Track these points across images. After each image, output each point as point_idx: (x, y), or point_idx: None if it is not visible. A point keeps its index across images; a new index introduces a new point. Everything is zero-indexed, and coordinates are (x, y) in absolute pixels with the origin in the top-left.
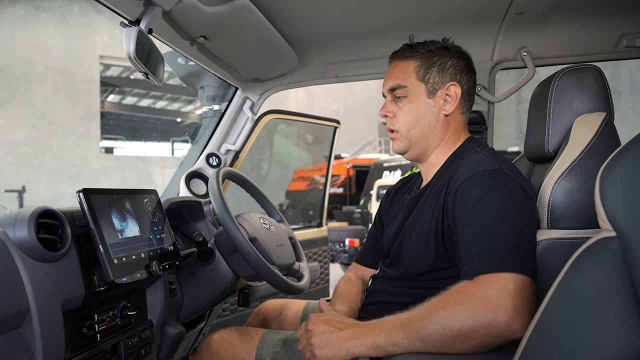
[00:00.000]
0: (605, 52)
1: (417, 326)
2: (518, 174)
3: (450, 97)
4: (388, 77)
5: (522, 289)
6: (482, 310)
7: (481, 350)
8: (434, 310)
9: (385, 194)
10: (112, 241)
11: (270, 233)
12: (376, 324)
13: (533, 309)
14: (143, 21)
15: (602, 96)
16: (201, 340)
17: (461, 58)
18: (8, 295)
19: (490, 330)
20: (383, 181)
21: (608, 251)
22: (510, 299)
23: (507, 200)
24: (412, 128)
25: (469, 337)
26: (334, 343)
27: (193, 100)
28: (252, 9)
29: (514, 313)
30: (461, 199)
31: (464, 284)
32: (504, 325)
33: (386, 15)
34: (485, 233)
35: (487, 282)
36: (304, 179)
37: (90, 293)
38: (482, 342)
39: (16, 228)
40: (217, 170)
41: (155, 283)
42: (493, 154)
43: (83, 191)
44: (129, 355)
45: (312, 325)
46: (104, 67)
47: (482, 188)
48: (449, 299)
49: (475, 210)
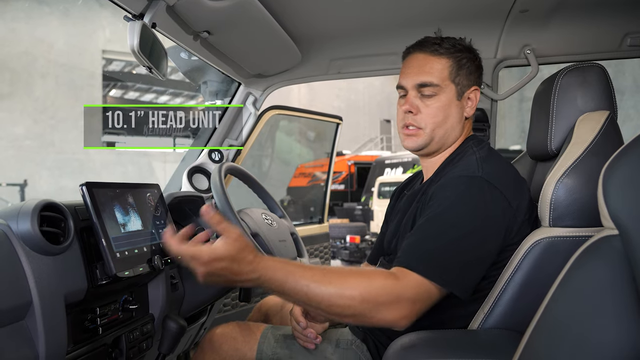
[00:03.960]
0: (609, 51)
1: (330, 280)
2: (504, 180)
3: (471, 101)
4: (418, 71)
5: (419, 294)
6: (389, 289)
7: (371, 321)
8: (349, 275)
9: (392, 194)
10: (115, 235)
11: (272, 229)
12: (289, 265)
13: (421, 313)
14: (147, 15)
15: (606, 95)
16: (202, 334)
17: (479, 61)
18: (11, 288)
19: (387, 307)
20: (384, 178)
21: (610, 249)
22: (408, 300)
23: (471, 209)
24: (438, 127)
25: (373, 307)
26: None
27: (195, 96)
28: (256, 4)
29: (405, 306)
30: (435, 197)
31: (380, 270)
32: (387, 316)
33: (390, 12)
34: (431, 233)
35: (402, 274)
36: (305, 175)
37: (92, 286)
38: (360, 315)
39: (19, 221)
40: (220, 166)
41: (157, 277)
42: (486, 157)
43: (86, 185)
44: (130, 349)
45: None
46: (106, 62)
47: (454, 192)
48: (364, 271)
49: (438, 210)
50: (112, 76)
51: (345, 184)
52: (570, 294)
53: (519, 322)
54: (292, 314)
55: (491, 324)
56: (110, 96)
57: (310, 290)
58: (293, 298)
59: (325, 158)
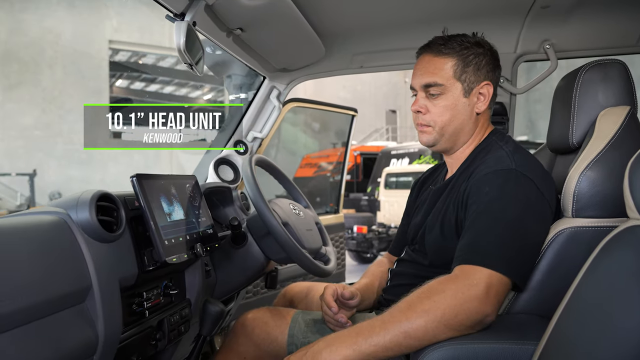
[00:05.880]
0: (626, 46)
1: (400, 319)
2: (536, 172)
3: (483, 96)
4: (423, 72)
5: (489, 284)
6: (462, 296)
7: (461, 333)
8: (417, 302)
9: (412, 186)
10: (162, 224)
11: (299, 218)
12: (352, 329)
13: (501, 302)
14: (188, 14)
15: (627, 90)
16: (228, 320)
17: (493, 55)
18: (73, 273)
19: (469, 314)
20: (391, 169)
21: (636, 238)
22: (483, 292)
23: (515, 203)
24: (447, 125)
25: (451, 322)
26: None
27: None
28: (287, 1)
29: (485, 302)
30: (474, 194)
31: (444, 277)
32: (479, 310)
33: (412, 7)
34: (483, 228)
35: (468, 273)
36: (311, 165)
37: (141, 272)
38: (462, 325)
39: (78, 210)
40: (250, 158)
41: (194, 264)
42: (514, 150)
43: (136, 176)
44: (171, 331)
45: None
46: (113, 52)
47: (495, 187)
48: (430, 289)
49: (482, 207)
50: (119, 66)
51: (350, 175)
52: (596, 281)
53: (543, 307)
54: (324, 298)
55: (517, 309)
56: (117, 86)
57: (390, 343)
58: (386, 355)
59: (331, 149)
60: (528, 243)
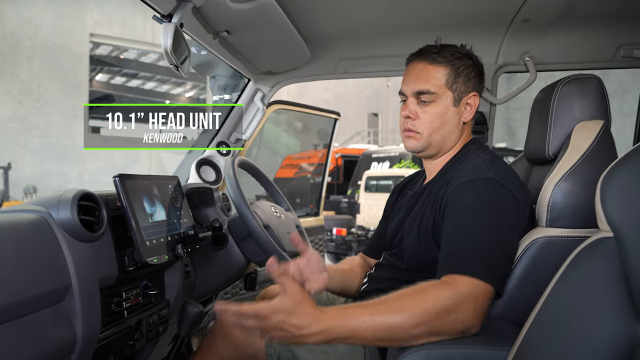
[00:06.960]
0: (603, 61)
1: (386, 314)
2: (512, 182)
3: (469, 106)
4: (415, 79)
5: (477, 294)
6: (452, 304)
7: (441, 339)
8: (410, 302)
9: (392, 190)
10: (144, 224)
11: (280, 221)
12: (340, 307)
13: (485, 311)
14: (175, 16)
15: (601, 105)
16: (207, 321)
17: (480, 68)
18: (53, 272)
19: (455, 324)
20: (372, 172)
21: (606, 249)
22: (468, 301)
23: (492, 211)
24: (435, 132)
25: (435, 329)
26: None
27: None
28: (275, 5)
29: (474, 313)
30: (452, 202)
31: (430, 282)
32: (466, 321)
33: (398, 15)
34: (463, 237)
35: (451, 282)
36: (293, 166)
37: (122, 272)
38: (446, 334)
39: (60, 209)
40: (233, 159)
41: (174, 265)
42: (492, 159)
43: (119, 176)
44: (149, 331)
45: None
46: (94, 45)
47: (473, 196)
48: (415, 288)
49: (461, 215)
50: (100, 60)
51: (331, 177)
52: (568, 290)
53: (516, 314)
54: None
55: (492, 315)
56: (97, 80)
57: (375, 325)
58: (361, 338)
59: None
60: (506, 250)
